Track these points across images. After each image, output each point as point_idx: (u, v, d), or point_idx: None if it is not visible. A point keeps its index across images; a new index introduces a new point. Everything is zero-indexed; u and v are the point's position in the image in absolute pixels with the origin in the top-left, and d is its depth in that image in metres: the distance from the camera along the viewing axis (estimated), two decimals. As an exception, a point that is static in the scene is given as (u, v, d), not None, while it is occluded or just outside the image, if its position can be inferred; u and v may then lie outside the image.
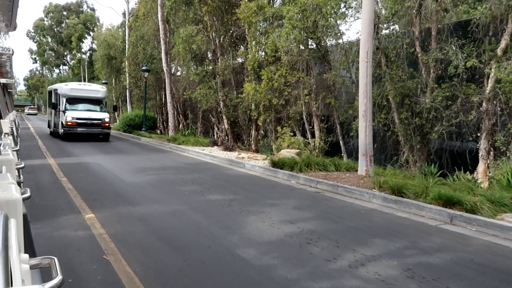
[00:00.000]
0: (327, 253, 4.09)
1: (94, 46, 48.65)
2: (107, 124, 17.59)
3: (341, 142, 12.65)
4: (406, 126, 9.69)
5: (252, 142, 16.92)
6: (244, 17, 14.50)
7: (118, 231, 4.65)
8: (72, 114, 16.60)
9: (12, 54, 12.71)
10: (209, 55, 19.11)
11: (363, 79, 8.21)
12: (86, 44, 53.88)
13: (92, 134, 17.06)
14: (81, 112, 17.03)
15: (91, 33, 51.15)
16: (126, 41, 29.07)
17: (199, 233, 4.69)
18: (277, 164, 9.82)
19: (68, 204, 5.87)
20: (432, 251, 4.30)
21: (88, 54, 51.69)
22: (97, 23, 50.78)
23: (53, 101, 19.00)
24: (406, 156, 10.25)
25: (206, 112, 20.35)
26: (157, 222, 5.06)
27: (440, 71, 9.16)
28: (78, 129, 16.54)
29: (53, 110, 18.86)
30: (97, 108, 18.11)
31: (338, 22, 10.73)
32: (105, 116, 17.57)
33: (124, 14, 32.74)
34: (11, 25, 5.24)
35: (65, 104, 17.20)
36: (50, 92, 21.13)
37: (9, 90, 21.43)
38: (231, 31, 17.21)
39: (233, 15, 16.45)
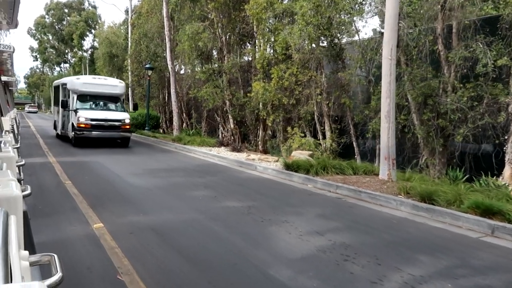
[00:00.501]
0: (370, 273, 3.61)
1: (96, 44, 48.15)
2: (128, 127, 14.44)
3: (354, 144, 12.17)
4: (428, 128, 9.20)
5: (259, 142, 16.43)
6: (253, 14, 14.00)
7: (131, 244, 4.17)
8: (85, 114, 13.49)
9: (13, 52, 12.37)
10: (215, 53, 18.64)
11: (387, 77, 7.72)
12: (87, 42, 53.53)
13: (109, 139, 14.16)
14: (96, 112, 14.04)
15: (93, 31, 50.62)
16: (129, 39, 28.58)
17: (221, 246, 4.21)
18: (291, 167, 9.33)
19: (74, 211, 5.39)
20: (485, 270, 3.82)
21: (89, 52, 51.16)
22: (99, 21, 50.31)
23: (61, 98, 16.06)
24: (426, 159, 9.77)
25: (211, 112, 19.86)
26: (173, 234, 4.57)
27: (465, 70, 8.67)
28: (93, 132, 13.46)
29: (60, 109, 15.79)
30: (115, 106, 15.19)
31: (354, 18, 10.25)
32: (125, 116, 14.37)
33: (126, 11, 32.20)
34: (12, 23, 5.30)
35: (76, 102, 14.17)
36: (56, 88, 18.04)
37: (9, 88, 20.97)
38: (238, 28, 16.68)
39: (241, 11, 15.96)
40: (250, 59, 16.69)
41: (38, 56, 59.76)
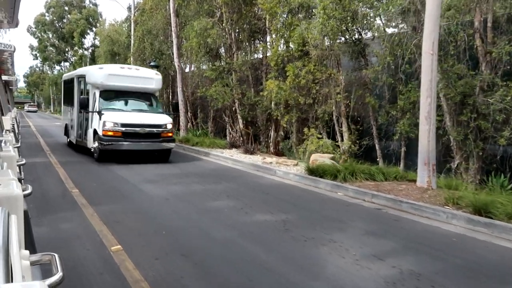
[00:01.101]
0: (464, 317, 2.88)
1: (97, 42, 47.38)
2: (171, 134, 10.72)
3: (377, 146, 11.41)
4: (464, 129, 8.46)
5: (270, 144, 15.69)
6: (266, 8, 13.26)
7: (158, 274, 3.43)
8: (114, 118, 9.91)
9: (14, 51, 11.78)
10: (223, 50, 17.89)
11: (427, 75, 6.98)
12: (88, 40, 52.59)
13: (145, 152, 10.51)
14: (128, 114, 10.32)
15: (94, 29, 49.78)
16: (132, 36, 27.80)
17: (267, 276, 3.47)
18: (316, 172, 8.60)
19: (85, 229, 4.64)
20: None
21: (90, 51, 50.36)
22: (100, 19, 49.53)
23: (76, 95, 12.30)
24: (461, 164, 9.03)
25: (218, 111, 19.09)
26: (208, 260, 3.83)
27: (508, 67, 7.93)
28: (125, 143, 9.87)
29: (75, 110, 12.14)
30: (150, 106, 11.50)
31: (380, 11, 9.48)
32: (166, 120, 10.76)
33: (129, 8, 31.45)
34: (13, 22, 5.30)
35: (99, 101, 10.55)
36: (68, 82, 14.10)
37: (10, 87, 20.31)
38: (249, 24, 15.91)
39: (252, 6, 15.23)
40: (261, 56, 15.93)
41: (38, 54, 58.83)
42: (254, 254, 4.04)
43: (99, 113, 10.19)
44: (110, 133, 9.79)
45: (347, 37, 10.90)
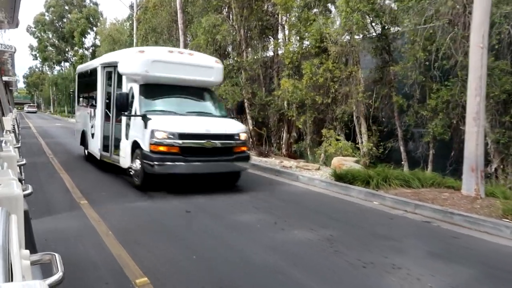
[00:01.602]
0: None
1: (97, 42, 46.67)
2: (245, 149, 7.60)
3: (401, 149, 10.68)
4: (508, 131, 7.74)
5: (283, 145, 14.96)
6: (280, 2, 12.54)
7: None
8: (167, 125, 6.82)
9: (15, 52, 11.20)
10: (231, 47, 17.16)
11: (476, 71, 6.25)
12: (88, 40, 51.84)
13: (212, 173, 7.42)
14: (184, 120, 7.25)
15: (94, 28, 49.05)
16: (134, 35, 27.09)
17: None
18: (344, 178, 7.87)
19: (100, 250, 3.90)
20: None
21: (90, 50, 49.61)
22: (101, 18, 48.83)
23: (100, 91, 8.95)
24: (499, 168, 8.31)
25: (227, 112, 18.38)
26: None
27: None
28: (185, 163, 6.66)
29: (98, 112, 8.94)
30: (210, 107, 8.32)
31: (413, 1, 8.74)
32: (238, 128, 7.61)
33: (131, 6, 30.69)
34: (13, 22, 5.31)
35: (139, 99, 7.36)
36: (87, 75, 10.61)
37: (10, 88, 19.70)
38: (260, 20, 15.16)
39: (264, 1, 14.52)
40: (273, 54, 15.21)
41: (37, 54, 58.05)
42: (306, 285, 3.29)
43: (144, 118, 6.79)
44: (162, 148, 6.55)
45: (372, 32, 10.17)
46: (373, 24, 9.97)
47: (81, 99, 11.84)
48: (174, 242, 4.28)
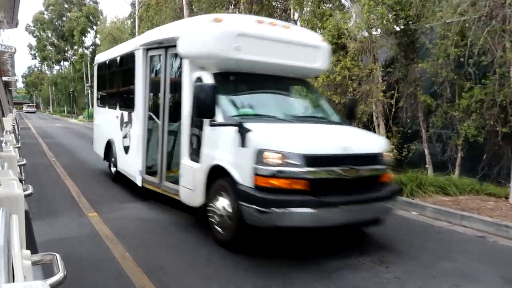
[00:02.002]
0: None
1: (97, 41, 46.00)
2: (390, 177, 4.70)
3: (426, 151, 10.05)
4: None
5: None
6: (294, -4, 11.93)
7: None
8: (283, 141, 3.96)
9: (14, 52, 10.92)
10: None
11: (529, 66, 5.63)
12: (88, 39, 51.13)
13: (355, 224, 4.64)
14: (302, 131, 4.49)
15: (95, 27, 48.34)
16: (136, 33, 26.53)
17: None
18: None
19: (119, 277, 3.27)
20: None
21: (90, 50, 48.93)
22: (101, 16, 48.16)
23: (142, 84, 6.10)
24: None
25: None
26: None
27: None
28: (313, 209, 3.72)
29: (136, 117, 6.30)
30: (322, 109, 5.62)
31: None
32: (377, 142, 4.76)
33: (133, 4, 30.06)
34: (12, 22, 5.44)
35: (219, 97, 4.34)
36: (115, 64, 7.85)
37: (9, 88, 19.38)
38: (271, 16, 14.56)
39: (276, -4, 13.92)
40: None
41: (36, 54, 57.33)
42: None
43: (241, 129, 4.01)
44: (277, 183, 3.77)
45: (397, 26, 9.54)
46: (398, 18, 9.33)
47: (103, 97, 8.98)
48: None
